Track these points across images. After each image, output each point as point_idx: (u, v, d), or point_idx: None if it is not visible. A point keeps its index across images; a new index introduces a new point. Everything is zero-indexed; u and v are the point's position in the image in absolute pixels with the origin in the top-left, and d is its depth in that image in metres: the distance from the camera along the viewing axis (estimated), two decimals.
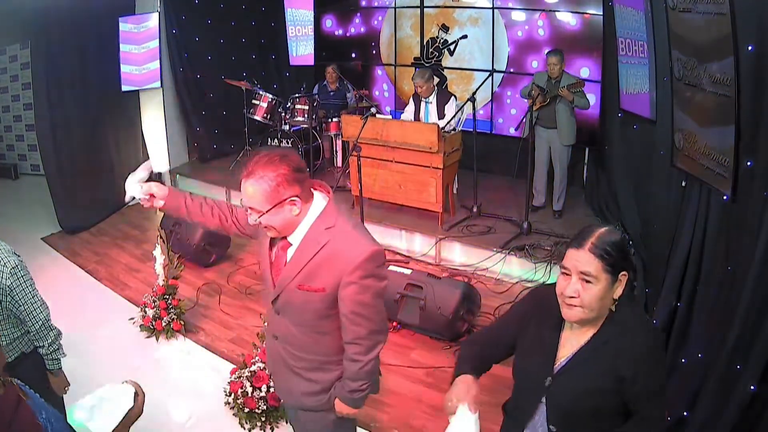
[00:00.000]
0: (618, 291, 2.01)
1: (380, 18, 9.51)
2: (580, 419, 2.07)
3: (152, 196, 2.69)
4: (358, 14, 9.75)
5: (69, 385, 3.27)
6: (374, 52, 9.73)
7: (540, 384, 2.12)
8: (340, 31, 10.05)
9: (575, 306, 2.00)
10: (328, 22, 10.13)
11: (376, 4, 9.54)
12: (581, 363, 2.06)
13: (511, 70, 8.33)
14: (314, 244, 2.38)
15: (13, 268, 2.96)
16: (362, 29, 9.76)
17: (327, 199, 2.45)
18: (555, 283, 2.13)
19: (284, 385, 2.72)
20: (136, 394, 1.99)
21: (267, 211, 2.30)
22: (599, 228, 2.02)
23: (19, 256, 3.05)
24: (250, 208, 2.34)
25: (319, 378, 2.62)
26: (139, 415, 2.00)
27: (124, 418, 1.92)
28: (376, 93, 9.80)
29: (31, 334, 3.06)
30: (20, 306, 2.99)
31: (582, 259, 1.97)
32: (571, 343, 2.11)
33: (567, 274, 2.01)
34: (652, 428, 2.08)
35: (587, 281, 1.97)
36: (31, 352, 3.12)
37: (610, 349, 2.03)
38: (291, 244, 2.45)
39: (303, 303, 2.46)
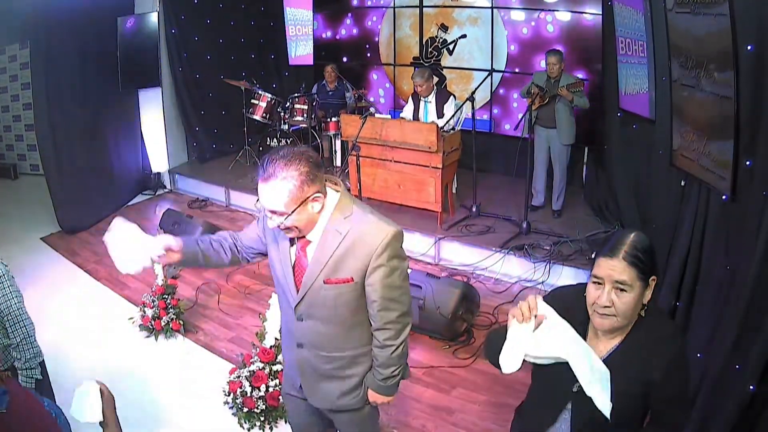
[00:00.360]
0: (647, 296, 2.01)
1: (374, 18, 9.49)
2: (605, 424, 2.06)
3: (169, 250, 2.46)
4: (358, 15, 9.73)
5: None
6: (369, 55, 9.72)
7: (566, 390, 2.10)
8: (329, 33, 10.05)
9: (609, 315, 1.99)
10: (325, 23, 10.12)
11: (369, 3, 9.52)
12: (611, 369, 2.04)
13: (517, 70, 8.31)
14: (335, 235, 2.37)
15: None
16: (360, 30, 9.74)
17: (339, 192, 2.43)
18: (573, 286, 2.12)
19: (318, 392, 2.68)
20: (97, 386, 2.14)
21: (292, 212, 2.27)
22: (629, 234, 2.00)
23: (6, 265, 3.02)
24: (272, 211, 2.29)
25: (353, 373, 2.62)
26: (113, 398, 2.19)
27: (103, 403, 2.10)
28: (371, 99, 9.74)
29: (12, 346, 3.03)
30: (3, 316, 2.96)
31: (617, 268, 1.94)
32: (598, 349, 2.09)
33: (599, 284, 1.99)
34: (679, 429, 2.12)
35: (622, 290, 1.96)
36: None
37: (640, 355, 2.03)
38: (311, 242, 2.43)
39: (334, 298, 2.44)
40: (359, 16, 9.70)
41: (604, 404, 1.96)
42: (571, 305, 2.07)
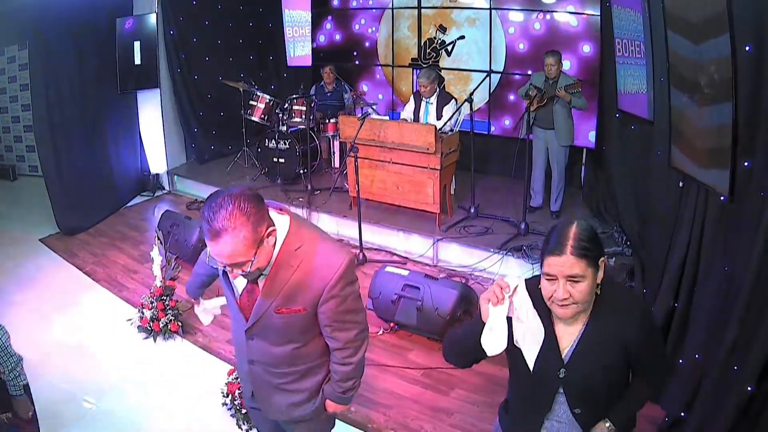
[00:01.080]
0: (600, 276, 2.07)
1: (371, 20, 9.49)
2: (600, 393, 2.18)
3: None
4: (356, 16, 9.73)
5: (33, 407, 3.24)
6: (367, 57, 9.72)
7: (553, 377, 2.17)
8: (327, 35, 10.05)
9: (569, 305, 2.04)
10: (324, 25, 10.11)
11: (367, 4, 9.51)
12: (588, 347, 2.13)
13: (515, 72, 8.32)
14: (287, 267, 2.32)
15: None
16: (359, 31, 9.73)
17: (287, 218, 2.36)
18: (528, 279, 2.14)
19: (271, 404, 2.67)
20: None
21: (254, 256, 2.17)
22: (570, 227, 2.04)
23: None
24: (233, 265, 2.17)
25: (305, 386, 2.62)
26: None
27: None
28: (371, 101, 9.76)
29: None
30: None
31: (567, 263, 1.99)
32: (568, 332, 2.17)
33: (553, 279, 2.03)
34: (665, 377, 2.33)
35: (576, 281, 2.01)
36: None
37: (608, 326, 2.11)
38: (262, 273, 2.35)
39: (284, 325, 2.42)
40: (358, 18, 9.69)
41: (530, 358, 2.10)
42: (533, 298, 2.11)
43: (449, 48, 8.76)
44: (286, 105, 8.42)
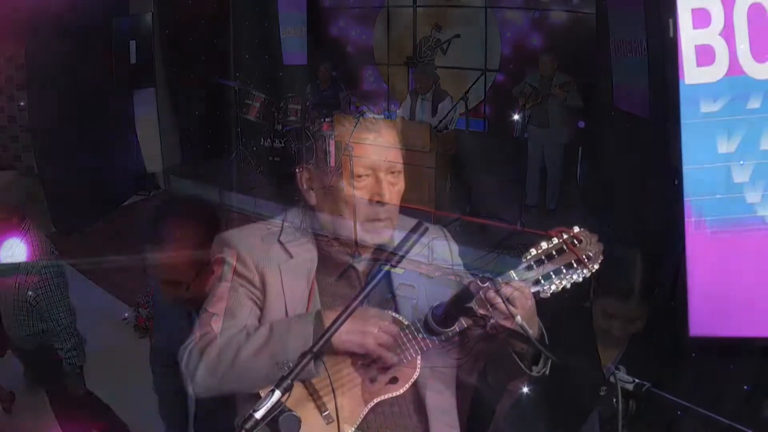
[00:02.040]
0: None
1: (369, 18, 9.48)
2: (629, 414, 2.22)
3: None
4: (352, 15, 9.71)
5: (85, 390, 3.29)
6: (363, 55, 9.69)
7: (593, 394, 2.28)
8: (323, 34, 10.02)
9: None
10: (320, 24, 10.09)
11: (363, 3, 9.50)
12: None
13: (520, 71, 8.30)
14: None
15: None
16: (355, 30, 9.71)
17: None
18: None
19: None
20: None
21: (196, 278, 1.91)
22: None
23: (55, 252, 3.11)
24: (171, 281, 1.92)
25: None
26: None
27: None
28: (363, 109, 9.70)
29: (53, 334, 3.12)
30: (44, 311, 3.03)
31: None
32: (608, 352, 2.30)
33: None
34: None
35: None
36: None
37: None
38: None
39: None
40: (354, 17, 9.68)
41: None
42: None
43: (444, 46, 8.74)
44: (282, 104, 8.41)
